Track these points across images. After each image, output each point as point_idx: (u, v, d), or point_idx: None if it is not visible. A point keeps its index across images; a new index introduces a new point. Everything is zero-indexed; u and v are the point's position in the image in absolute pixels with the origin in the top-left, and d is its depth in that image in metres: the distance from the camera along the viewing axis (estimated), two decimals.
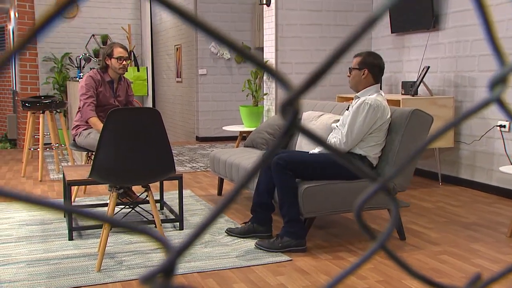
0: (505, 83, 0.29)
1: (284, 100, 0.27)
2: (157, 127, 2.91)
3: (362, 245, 3.25)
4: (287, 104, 0.27)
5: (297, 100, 0.27)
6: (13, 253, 3.14)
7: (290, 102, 0.27)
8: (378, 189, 0.29)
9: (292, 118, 0.27)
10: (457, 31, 4.94)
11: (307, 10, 5.89)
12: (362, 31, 0.29)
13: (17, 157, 6.87)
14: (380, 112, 3.19)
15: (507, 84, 0.30)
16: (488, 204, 4.30)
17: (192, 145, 7.98)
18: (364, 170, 0.31)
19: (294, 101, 0.27)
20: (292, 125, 0.27)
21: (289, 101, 0.27)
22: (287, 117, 0.27)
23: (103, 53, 4.04)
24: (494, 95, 0.30)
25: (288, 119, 0.27)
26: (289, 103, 0.27)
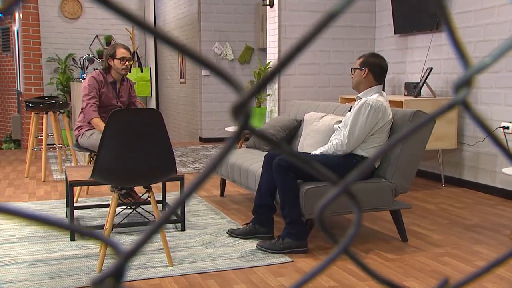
0: (470, 85, 0.29)
1: (235, 103, 0.27)
2: (159, 127, 2.91)
3: (364, 247, 3.25)
4: (238, 107, 0.27)
5: (248, 103, 0.27)
6: (15, 253, 3.15)
7: (241, 105, 0.26)
8: (340, 192, 0.29)
9: (244, 120, 0.27)
10: (461, 32, 4.92)
11: (310, 11, 5.89)
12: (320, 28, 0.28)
13: (21, 158, 6.90)
14: (382, 113, 3.19)
15: (471, 87, 0.30)
16: (491, 206, 4.28)
17: (195, 146, 7.99)
18: (324, 173, 0.30)
19: (245, 104, 0.26)
20: (244, 128, 0.27)
21: (240, 104, 0.27)
22: (239, 119, 0.27)
23: (106, 54, 4.05)
24: (459, 97, 0.30)
25: (240, 121, 0.27)
26: (240, 106, 0.27)
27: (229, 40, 8.41)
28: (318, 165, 0.31)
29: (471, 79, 0.29)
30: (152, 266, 2.92)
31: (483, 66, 0.29)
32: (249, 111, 0.27)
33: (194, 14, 8.60)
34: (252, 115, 0.28)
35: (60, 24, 8.76)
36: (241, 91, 0.26)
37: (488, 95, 4.67)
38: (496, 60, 0.30)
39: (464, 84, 0.29)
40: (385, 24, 5.97)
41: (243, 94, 0.27)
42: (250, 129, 0.28)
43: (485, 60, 0.29)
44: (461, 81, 0.29)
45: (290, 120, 4.33)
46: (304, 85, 5.95)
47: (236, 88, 0.27)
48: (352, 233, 0.32)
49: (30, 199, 4.57)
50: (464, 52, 0.30)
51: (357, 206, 0.31)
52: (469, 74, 0.28)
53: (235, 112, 0.27)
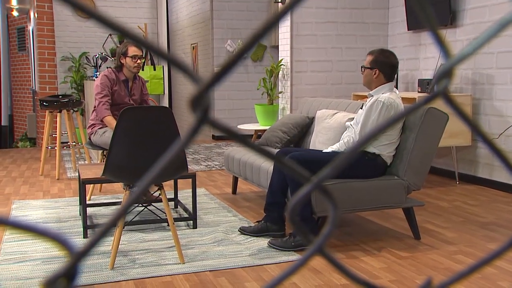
0: (450, 77, 0.28)
1: (193, 94, 0.26)
2: (170, 125, 2.92)
3: (376, 245, 3.22)
4: (196, 98, 0.26)
5: (205, 95, 0.26)
6: (29, 250, 3.19)
7: (199, 96, 0.26)
8: (312, 189, 0.28)
9: (201, 113, 0.26)
10: (475, 27, 4.86)
11: (323, 8, 5.85)
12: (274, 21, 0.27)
13: (36, 156, 6.97)
14: (394, 110, 3.16)
15: (452, 78, 0.29)
16: (507, 203, 4.23)
17: (208, 144, 8.00)
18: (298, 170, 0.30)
19: (203, 96, 0.26)
20: (202, 120, 0.26)
21: (198, 96, 0.26)
22: (197, 112, 0.26)
23: (118, 52, 4.07)
24: (439, 88, 0.29)
25: (198, 114, 0.26)
26: (198, 98, 0.26)
27: (241, 37, 8.40)
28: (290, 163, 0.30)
29: (452, 71, 0.28)
30: (163, 264, 2.93)
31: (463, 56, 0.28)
32: (208, 102, 0.27)
33: (206, 11, 8.61)
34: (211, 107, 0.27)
35: (74, 23, 8.82)
36: (199, 82, 0.26)
37: (504, 91, 4.60)
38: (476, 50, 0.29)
39: (444, 76, 0.28)
40: (398, 20, 5.91)
41: (200, 85, 0.26)
42: (210, 121, 0.27)
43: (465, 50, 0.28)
44: (441, 72, 0.28)
45: (302, 117, 4.31)
46: (317, 82, 5.92)
47: (194, 79, 0.26)
48: (327, 233, 0.31)
49: (45, 197, 4.62)
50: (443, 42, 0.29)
51: (333, 204, 0.30)
52: (449, 65, 0.27)
53: (193, 104, 0.26)
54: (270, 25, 0.28)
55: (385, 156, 3.24)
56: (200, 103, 0.26)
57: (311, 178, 0.27)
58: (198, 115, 0.26)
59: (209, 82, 0.26)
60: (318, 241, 0.30)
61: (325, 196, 0.29)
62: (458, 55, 0.27)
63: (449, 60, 0.27)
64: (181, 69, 0.27)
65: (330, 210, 0.30)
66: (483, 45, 0.28)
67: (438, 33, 0.28)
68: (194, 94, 0.26)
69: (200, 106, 0.26)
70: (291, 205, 0.29)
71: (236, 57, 0.28)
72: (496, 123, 4.67)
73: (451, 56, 0.27)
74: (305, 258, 0.30)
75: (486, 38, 0.28)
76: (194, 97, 0.26)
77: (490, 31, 0.27)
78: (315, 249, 0.30)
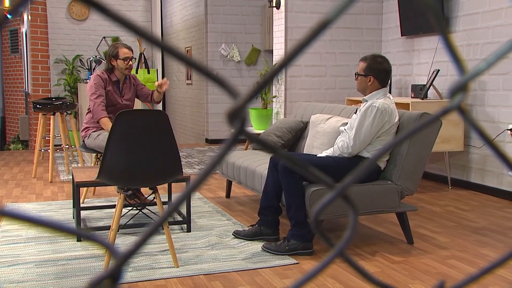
0: (465, 91, 0.29)
1: (231, 108, 0.27)
2: (165, 129, 2.92)
3: (369, 249, 3.24)
4: (234, 112, 0.27)
5: (243, 109, 0.27)
6: (22, 253, 3.17)
7: (237, 110, 0.27)
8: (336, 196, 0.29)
9: (239, 126, 0.27)
10: (468, 34, 4.90)
11: (317, 12, 5.89)
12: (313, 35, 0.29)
13: (29, 158, 6.94)
14: (388, 115, 3.18)
15: (467, 92, 0.30)
16: (498, 208, 4.26)
17: (201, 147, 8.00)
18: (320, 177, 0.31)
19: (241, 110, 0.27)
20: (240, 132, 0.27)
21: (236, 110, 0.27)
22: (235, 125, 0.27)
23: (108, 54, 4.05)
24: (454, 103, 0.30)
25: (236, 127, 0.27)
26: (236, 111, 0.27)
27: (235, 41, 8.42)
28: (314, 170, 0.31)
29: (467, 85, 0.29)
30: (157, 267, 2.93)
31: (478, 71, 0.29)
32: (244, 116, 0.28)
33: (200, 15, 8.63)
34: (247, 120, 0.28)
35: (67, 25, 8.80)
36: (236, 97, 0.27)
37: (496, 97, 4.65)
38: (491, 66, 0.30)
39: (459, 90, 0.29)
40: (392, 26, 5.96)
41: (238, 100, 0.27)
42: (246, 134, 0.28)
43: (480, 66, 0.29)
44: (456, 86, 0.29)
45: (296, 121, 4.33)
46: (311, 87, 5.94)
47: (232, 93, 0.27)
48: (348, 237, 0.32)
49: (37, 200, 4.60)
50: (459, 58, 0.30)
51: (353, 210, 0.31)
52: (464, 79, 0.28)
53: (231, 117, 0.27)
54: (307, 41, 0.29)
55: (378, 161, 3.26)
56: (237, 116, 0.27)
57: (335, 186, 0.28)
58: (236, 127, 0.27)
59: (247, 97, 0.27)
60: (340, 245, 0.31)
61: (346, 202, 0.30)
62: (473, 70, 0.28)
63: (464, 74, 0.28)
64: (219, 83, 0.28)
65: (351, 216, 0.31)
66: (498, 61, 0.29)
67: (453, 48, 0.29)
68: (232, 108, 0.27)
69: (237, 119, 0.27)
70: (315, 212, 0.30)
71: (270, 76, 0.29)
72: (488, 129, 4.71)
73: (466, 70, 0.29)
74: (327, 261, 0.31)
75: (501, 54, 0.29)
76: (232, 111, 0.27)
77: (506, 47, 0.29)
78: (337, 252, 0.31)
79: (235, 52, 8.43)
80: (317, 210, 0.31)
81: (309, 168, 0.30)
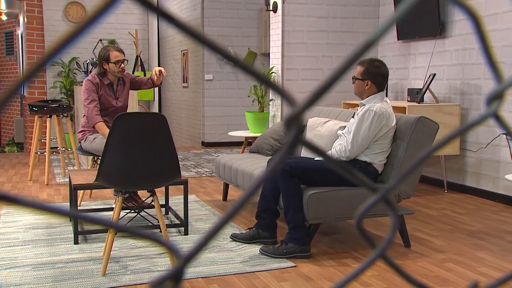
0: (502, 98, 0.30)
1: (289, 115, 0.28)
2: (163, 132, 2.92)
3: (367, 252, 3.25)
4: (291, 119, 0.28)
5: (301, 116, 0.28)
6: (19, 256, 3.16)
7: (294, 117, 0.27)
8: (378, 199, 0.30)
9: (296, 133, 0.28)
10: (463, 38, 4.94)
11: (314, 16, 5.91)
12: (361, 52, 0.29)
13: (24, 161, 6.91)
14: (385, 119, 3.20)
15: (503, 100, 0.31)
16: (494, 212, 4.29)
17: (197, 150, 8.00)
18: (365, 180, 0.31)
19: (298, 117, 0.27)
20: (297, 140, 0.28)
21: (293, 117, 0.28)
22: (292, 132, 0.28)
23: (99, 57, 4.03)
24: (491, 110, 0.31)
25: (292, 134, 0.28)
26: (293, 118, 0.28)
27: (232, 45, 8.44)
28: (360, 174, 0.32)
29: (503, 93, 0.30)
30: (155, 270, 2.93)
31: None
32: (302, 123, 0.28)
33: (197, 18, 8.64)
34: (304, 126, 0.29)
35: (64, 28, 8.79)
36: (294, 104, 0.28)
37: None
38: None
39: (496, 97, 0.30)
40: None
41: (296, 107, 0.28)
42: (302, 140, 0.29)
43: None
44: (493, 94, 0.30)
45: None
46: (307, 90, 5.96)
47: (289, 101, 0.28)
48: (389, 238, 0.33)
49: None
50: (497, 67, 0.31)
51: (394, 213, 0.32)
52: (501, 87, 0.29)
53: (289, 124, 0.28)
54: (364, 49, 0.29)
55: (376, 165, 3.27)
56: (295, 123, 0.28)
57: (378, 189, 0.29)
58: (293, 134, 0.28)
59: (304, 105, 0.28)
60: (381, 246, 0.31)
61: (388, 206, 0.31)
62: (509, 78, 0.29)
63: (501, 83, 0.29)
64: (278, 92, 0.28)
65: (391, 219, 0.32)
66: None
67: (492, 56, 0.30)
68: (290, 115, 0.28)
69: (295, 125, 0.28)
70: (358, 216, 0.31)
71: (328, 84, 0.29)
72: (484, 132, 4.74)
73: (503, 79, 0.29)
74: (369, 262, 0.32)
75: None
76: (290, 118, 0.28)
77: None
78: (378, 254, 0.32)
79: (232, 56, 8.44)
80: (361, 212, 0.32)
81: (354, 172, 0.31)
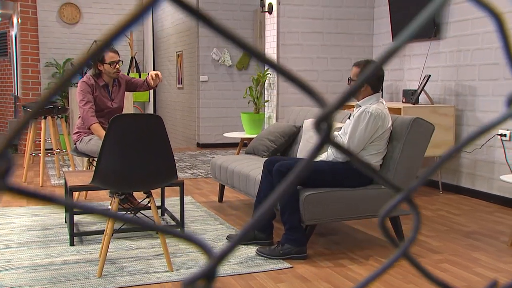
0: None
1: (319, 115, 0.28)
2: (160, 133, 2.92)
3: (363, 253, 3.26)
4: (321, 119, 0.28)
5: (331, 116, 0.28)
6: (14, 258, 3.14)
7: (324, 117, 0.28)
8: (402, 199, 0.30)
9: (326, 133, 0.28)
10: (458, 40, 4.96)
11: (309, 18, 5.92)
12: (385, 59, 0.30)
13: (18, 162, 6.88)
14: (381, 120, 3.21)
15: None
16: (489, 213, 4.31)
17: (192, 152, 7.99)
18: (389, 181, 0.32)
19: (329, 117, 0.28)
20: (326, 140, 0.28)
21: (323, 117, 0.28)
22: (321, 132, 0.28)
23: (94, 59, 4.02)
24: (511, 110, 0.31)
25: (322, 134, 0.28)
26: (323, 118, 0.28)
27: (227, 46, 8.44)
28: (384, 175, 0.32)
29: None
30: (152, 272, 2.92)
31: None
32: (331, 123, 0.28)
33: (192, 20, 8.63)
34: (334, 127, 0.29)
35: (58, 29, 8.76)
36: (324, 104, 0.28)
37: (486, 102, 4.70)
38: None
39: None
40: (383, 31, 6.01)
41: (325, 108, 0.28)
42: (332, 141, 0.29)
43: None
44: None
45: (289, 126, 4.35)
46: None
47: (319, 101, 0.28)
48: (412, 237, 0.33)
49: (29, 204, 4.56)
50: None
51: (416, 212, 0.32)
52: None
53: (318, 124, 0.28)
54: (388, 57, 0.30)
55: (372, 166, 3.28)
56: (325, 123, 0.28)
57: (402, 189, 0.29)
58: (323, 134, 0.28)
59: (335, 105, 0.28)
60: (404, 245, 0.32)
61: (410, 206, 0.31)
62: None
63: None
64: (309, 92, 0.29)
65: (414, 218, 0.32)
66: None
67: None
68: (320, 115, 0.28)
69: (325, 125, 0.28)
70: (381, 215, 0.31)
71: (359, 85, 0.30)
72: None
73: None
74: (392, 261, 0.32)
75: None
76: (320, 118, 0.28)
77: None
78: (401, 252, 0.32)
79: (227, 57, 8.45)
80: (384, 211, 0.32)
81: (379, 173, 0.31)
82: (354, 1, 6.07)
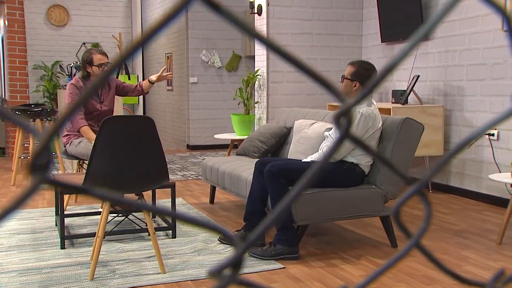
0: None
1: (339, 110, 0.29)
2: (151, 135, 2.92)
3: (354, 253, 3.27)
4: (341, 114, 0.29)
5: (351, 111, 0.29)
6: (4, 262, 3.12)
7: (344, 112, 0.28)
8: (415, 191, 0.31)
9: (346, 127, 0.29)
10: (446, 41, 5.01)
11: (298, 19, 5.94)
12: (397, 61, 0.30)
13: (6, 166, 6.82)
14: (372, 121, 3.23)
15: None
16: (477, 211, 4.35)
17: (183, 153, 7.98)
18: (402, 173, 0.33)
19: (349, 112, 0.28)
20: (346, 134, 0.29)
21: (343, 112, 0.28)
22: (342, 126, 0.29)
23: (83, 61, 4.01)
24: None
25: (342, 128, 0.29)
26: (343, 113, 0.28)
27: (216, 47, 8.44)
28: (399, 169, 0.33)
29: None
30: (144, 274, 2.91)
31: None
32: (352, 118, 0.29)
33: (181, 21, 8.62)
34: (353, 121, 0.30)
35: (46, 31, 8.71)
36: (343, 100, 0.28)
37: (473, 102, 4.75)
38: None
39: None
40: (372, 32, 6.05)
41: (347, 102, 0.28)
42: (351, 136, 0.30)
43: None
44: None
45: (280, 127, 4.36)
46: (292, 92, 5.99)
47: (339, 97, 0.29)
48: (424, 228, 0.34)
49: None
50: None
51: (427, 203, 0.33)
52: None
53: (338, 119, 0.29)
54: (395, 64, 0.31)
55: (363, 166, 3.30)
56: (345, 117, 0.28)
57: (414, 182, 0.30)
58: (343, 127, 0.29)
59: (354, 101, 0.29)
60: (415, 236, 0.33)
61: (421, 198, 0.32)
62: None
63: None
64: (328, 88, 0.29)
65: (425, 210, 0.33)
66: None
67: None
68: (340, 110, 0.29)
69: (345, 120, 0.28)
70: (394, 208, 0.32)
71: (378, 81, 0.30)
72: (466, 133, 4.81)
73: None
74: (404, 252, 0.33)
75: None
76: (340, 112, 0.29)
77: None
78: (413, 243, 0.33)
79: (216, 58, 8.45)
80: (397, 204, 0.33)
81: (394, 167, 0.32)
82: (343, 2, 6.10)
